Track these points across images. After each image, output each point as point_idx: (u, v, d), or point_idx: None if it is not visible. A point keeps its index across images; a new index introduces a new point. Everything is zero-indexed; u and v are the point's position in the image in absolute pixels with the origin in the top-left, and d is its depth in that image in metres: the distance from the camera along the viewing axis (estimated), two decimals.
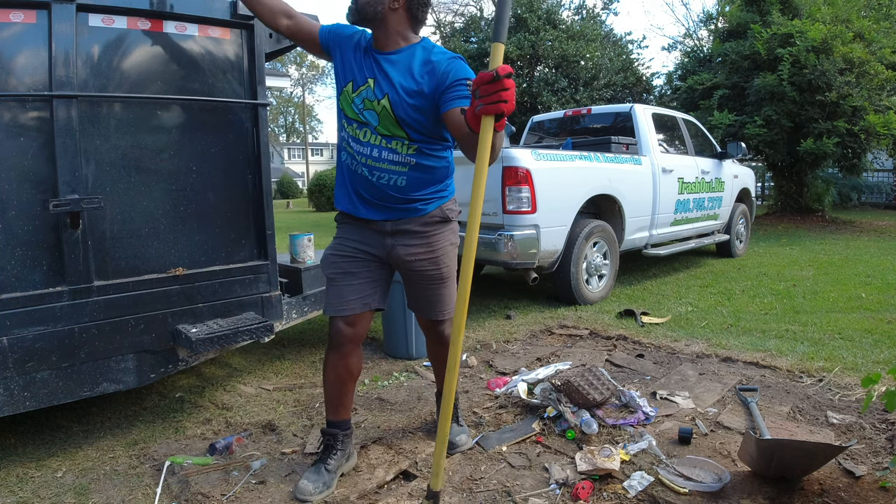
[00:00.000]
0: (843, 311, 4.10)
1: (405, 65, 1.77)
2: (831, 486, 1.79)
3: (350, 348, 1.92)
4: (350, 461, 2.02)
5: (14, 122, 1.95)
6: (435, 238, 1.92)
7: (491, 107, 1.36)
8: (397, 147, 1.80)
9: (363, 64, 1.82)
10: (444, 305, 2.00)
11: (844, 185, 14.14)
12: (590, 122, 6.04)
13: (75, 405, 2.52)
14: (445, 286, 1.98)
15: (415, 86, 1.74)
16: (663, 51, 36.28)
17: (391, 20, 1.77)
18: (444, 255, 1.94)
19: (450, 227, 1.96)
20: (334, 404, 1.97)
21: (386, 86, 1.77)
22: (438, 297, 1.98)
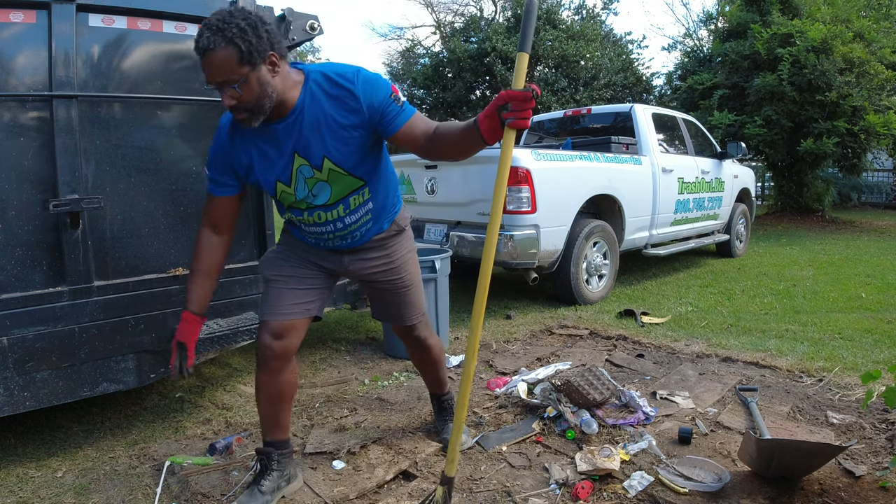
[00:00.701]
0: (843, 311, 4.11)
1: (318, 114, 1.57)
2: (831, 486, 1.79)
3: (279, 365, 1.75)
4: (293, 483, 1.88)
5: (14, 122, 1.95)
6: (393, 249, 1.89)
7: (521, 122, 1.38)
8: (356, 201, 1.70)
9: (272, 151, 1.61)
10: (414, 310, 1.99)
11: (844, 185, 14.15)
12: (590, 122, 6.04)
13: (75, 405, 2.52)
14: (411, 291, 1.96)
15: (345, 130, 1.58)
16: (663, 51, 36.25)
17: (281, 87, 1.53)
18: (404, 264, 1.91)
19: (405, 236, 1.94)
20: (269, 424, 1.84)
21: (316, 147, 1.59)
22: (407, 304, 1.96)
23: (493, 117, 1.43)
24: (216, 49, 1.40)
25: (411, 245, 1.97)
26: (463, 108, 13.45)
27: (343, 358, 3.33)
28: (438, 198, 4.42)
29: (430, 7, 22.14)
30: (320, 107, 1.57)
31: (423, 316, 2.03)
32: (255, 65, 1.45)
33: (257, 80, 1.46)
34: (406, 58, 17.98)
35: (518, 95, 1.36)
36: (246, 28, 1.43)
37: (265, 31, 1.47)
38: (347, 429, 2.32)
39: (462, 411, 1.56)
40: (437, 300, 3.26)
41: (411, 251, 1.96)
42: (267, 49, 1.47)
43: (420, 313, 2.01)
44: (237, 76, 1.44)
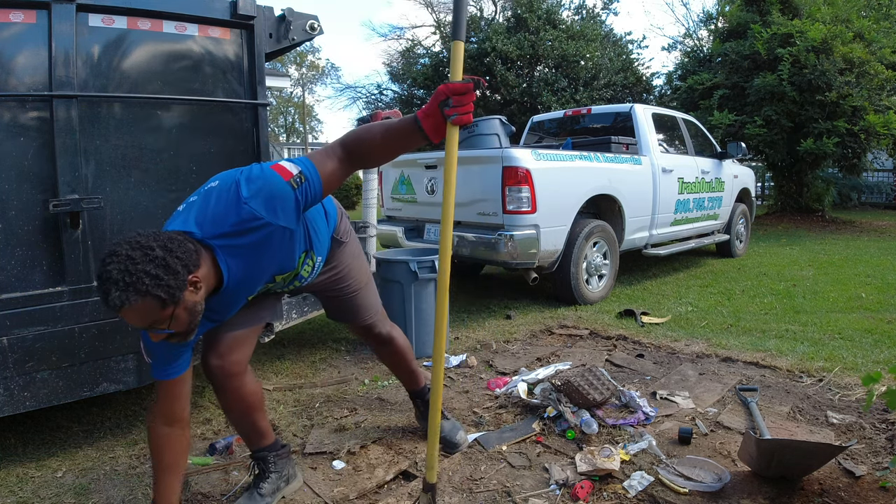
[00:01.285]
0: (843, 311, 4.11)
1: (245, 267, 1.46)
2: (831, 486, 1.79)
3: (235, 383, 1.69)
4: (293, 483, 1.87)
5: (14, 122, 1.95)
6: (337, 261, 1.88)
7: (463, 117, 1.31)
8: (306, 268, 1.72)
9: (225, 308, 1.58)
10: (369, 308, 2.00)
11: (844, 185, 14.14)
12: (590, 122, 6.04)
13: (75, 405, 2.51)
14: (361, 294, 1.97)
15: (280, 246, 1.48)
16: (663, 51, 36.24)
17: (205, 295, 1.40)
18: (350, 271, 1.92)
19: (345, 247, 1.91)
20: (251, 436, 1.81)
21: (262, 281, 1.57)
22: (360, 304, 1.97)
23: (436, 114, 1.35)
24: (132, 305, 1.23)
25: (355, 250, 1.96)
26: None
27: (343, 358, 3.33)
28: (438, 198, 4.42)
29: (430, 7, 22.14)
30: (245, 259, 1.44)
31: (377, 313, 2.02)
32: (178, 301, 1.29)
33: (185, 310, 1.32)
34: (406, 58, 17.98)
35: (458, 88, 1.29)
36: (156, 272, 1.24)
37: (176, 258, 1.28)
38: (347, 429, 2.32)
39: (436, 416, 1.53)
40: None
41: (355, 257, 1.95)
42: (184, 278, 1.29)
43: (375, 311, 2.01)
44: (163, 319, 1.30)
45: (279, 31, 2.57)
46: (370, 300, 2.01)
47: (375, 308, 2.03)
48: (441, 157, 4.46)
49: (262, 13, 2.46)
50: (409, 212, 4.76)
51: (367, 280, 2.00)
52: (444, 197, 1.43)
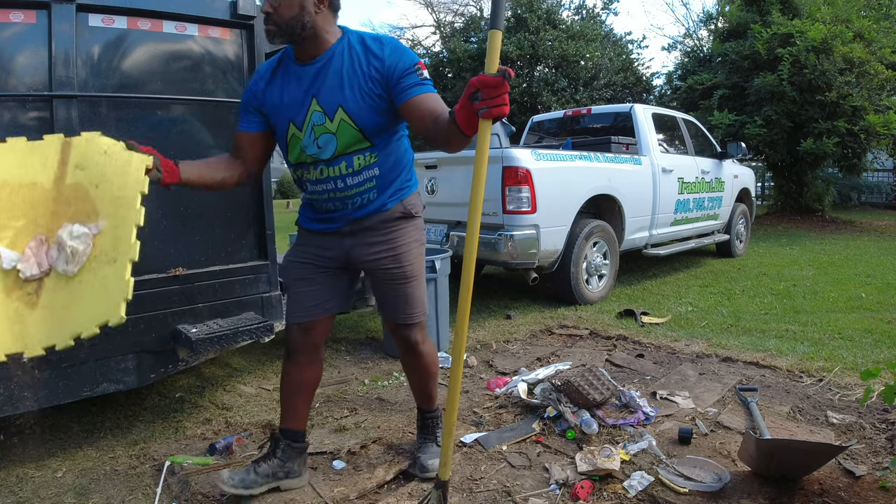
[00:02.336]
0: (843, 311, 4.11)
1: (345, 65, 1.60)
2: (831, 486, 1.79)
3: (305, 358, 1.85)
4: (293, 480, 1.87)
5: (14, 122, 1.95)
6: (395, 234, 1.78)
7: (495, 110, 1.30)
8: (359, 162, 1.66)
9: (294, 92, 1.64)
10: (411, 307, 1.85)
11: (844, 185, 14.14)
12: (590, 122, 6.04)
13: (75, 405, 2.51)
14: (410, 286, 1.83)
15: (368, 84, 1.59)
16: (663, 51, 36.27)
17: (319, 25, 1.59)
18: (406, 253, 1.80)
19: (413, 224, 1.82)
20: (286, 411, 1.90)
21: (335, 96, 1.60)
22: (404, 298, 1.83)
23: (468, 107, 1.36)
24: None
25: (419, 236, 1.85)
26: None
27: (343, 358, 3.33)
28: (438, 198, 4.43)
29: (430, 7, 22.14)
30: (349, 60, 1.60)
31: (420, 316, 1.89)
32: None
33: (299, 1, 1.53)
34: None
35: (489, 81, 1.28)
36: None
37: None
38: (347, 429, 2.32)
39: (452, 414, 1.51)
40: (437, 300, 3.26)
41: (418, 242, 1.84)
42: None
43: (418, 313, 1.87)
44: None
45: None
46: (418, 297, 1.86)
47: (420, 309, 1.88)
48: (441, 157, 4.46)
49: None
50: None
51: (420, 274, 1.86)
52: (472, 195, 1.42)
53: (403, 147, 1.78)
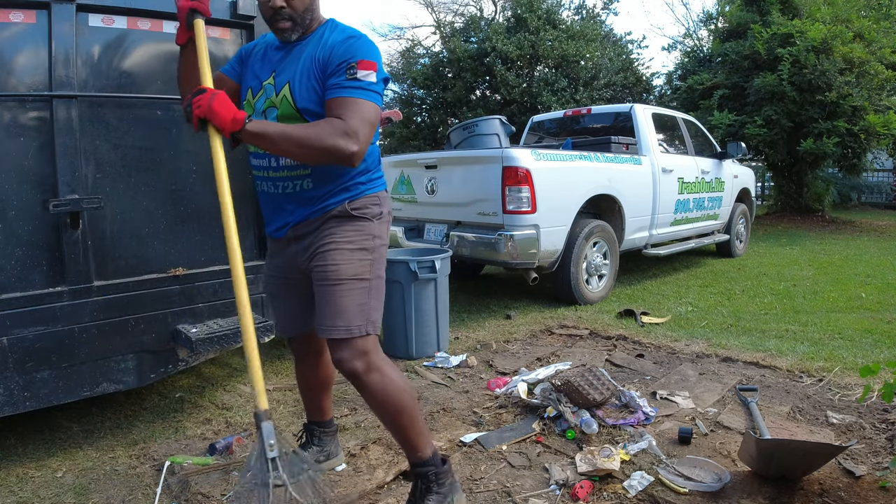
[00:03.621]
0: (843, 311, 4.10)
1: (308, 48, 1.57)
2: (831, 486, 1.79)
3: (309, 363, 1.92)
4: (332, 460, 2.02)
5: (14, 122, 1.95)
6: (329, 231, 1.59)
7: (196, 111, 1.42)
8: None
9: (265, 65, 1.64)
10: (333, 317, 1.54)
11: (844, 185, 14.13)
12: (590, 122, 6.04)
13: (75, 405, 2.51)
14: (336, 290, 1.55)
15: (313, 69, 1.53)
16: (663, 51, 36.17)
17: (316, 12, 1.61)
18: (335, 251, 1.57)
19: (354, 225, 1.60)
20: (308, 407, 2.01)
21: (288, 73, 1.56)
22: (325, 304, 1.56)
23: None
24: None
25: (360, 239, 1.60)
26: (463, 108, 13.43)
27: None
28: (438, 198, 4.42)
29: (430, 7, 22.13)
30: (314, 44, 1.57)
31: (344, 332, 1.53)
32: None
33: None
34: (406, 58, 17.97)
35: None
36: None
37: None
38: (347, 429, 2.32)
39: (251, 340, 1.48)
40: (437, 300, 3.27)
41: (355, 245, 1.59)
42: None
43: (341, 326, 1.52)
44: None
45: None
46: (342, 306, 1.54)
47: (342, 322, 1.53)
48: (441, 157, 4.46)
49: None
50: (409, 212, 4.76)
51: (351, 279, 1.57)
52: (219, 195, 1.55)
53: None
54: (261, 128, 1.44)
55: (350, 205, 1.61)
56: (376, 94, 1.50)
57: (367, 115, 1.46)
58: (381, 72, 1.53)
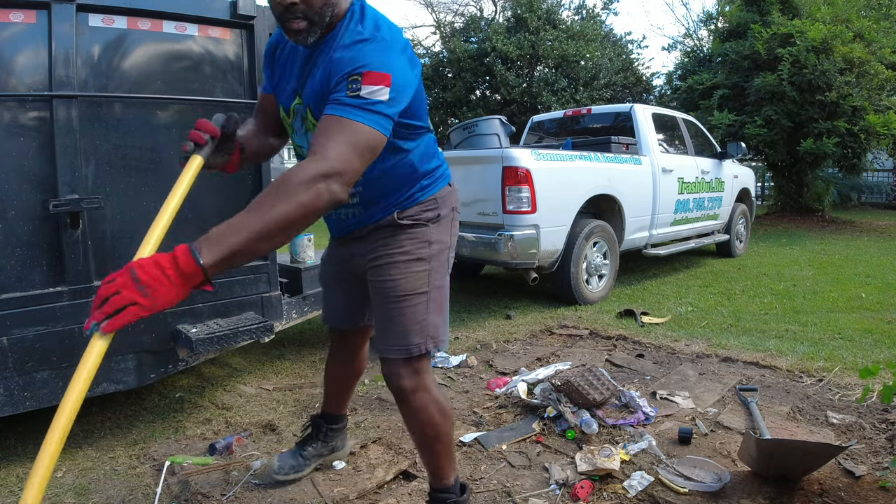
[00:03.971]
0: (843, 311, 4.10)
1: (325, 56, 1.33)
2: (831, 486, 1.79)
3: (344, 357, 1.90)
4: (337, 453, 2.02)
5: (14, 122, 1.95)
6: (382, 243, 1.49)
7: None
8: None
9: (289, 78, 1.44)
10: (389, 335, 1.48)
11: (844, 185, 14.13)
12: (590, 122, 6.04)
13: None
14: (393, 307, 1.47)
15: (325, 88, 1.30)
16: (663, 51, 36.25)
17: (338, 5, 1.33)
18: (390, 265, 1.47)
19: (406, 233, 1.48)
20: (326, 395, 1.98)
21: (307, 94, 1.38)
22: (383, 321, 1.50)
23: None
24: None
25: (418, 249, 1.48)
26: (463, 107, 13.44)
27: None
28: None
29: (430, 7, 22.14)
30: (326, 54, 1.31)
31: (399, 352, 1.47)
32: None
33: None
34: None
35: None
36: None
37: None
38: (347, 429, 2.32)
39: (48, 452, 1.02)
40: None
41: (410, 255, 1.48)
42: None
43: (397, 346, 1.46)
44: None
45: None
46: (400, 324, 1.46)
47: (400, 341, 1.46)
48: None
49: (263, 13, 2.46)
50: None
51: (410, 294, 1.47)
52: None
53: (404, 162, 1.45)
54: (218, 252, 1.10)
55: (399, 215, 1.48)
56: (382, 116, 1.19)
57: (357, 142, 1.16)
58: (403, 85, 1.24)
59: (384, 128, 1.20)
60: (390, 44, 1.26)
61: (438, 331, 1.51)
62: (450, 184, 1.58)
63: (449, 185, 1.57)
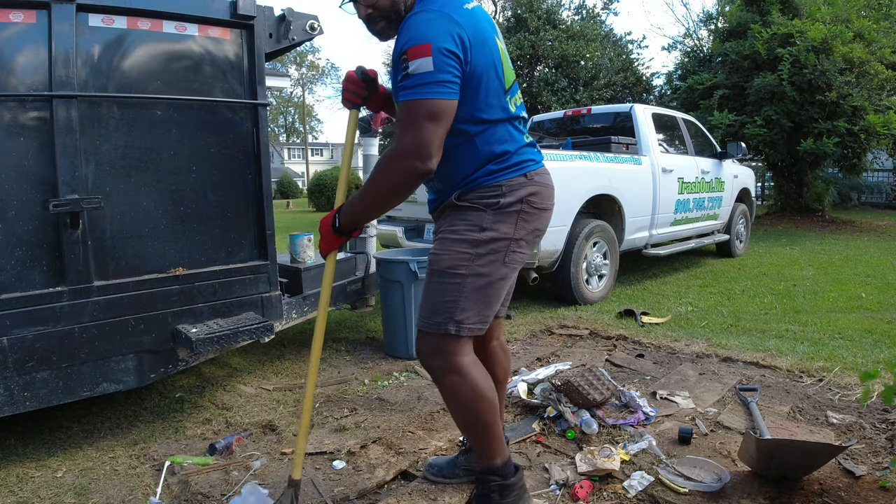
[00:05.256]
0: (843, 311, 4.10)
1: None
2: (831, 486, 1.78)
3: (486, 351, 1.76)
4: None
5: (14, 122, 1.95)
6: (445, 220, 1.55)
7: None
8: None
9: None
10: (422, 308, 1.53)
11: (844, 185, 14.15)
12: (590, 122, 6.04)
13: (75, 405, 2.51)
14: (429, 281, 1.52)
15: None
16: (663, 51, 36.28)
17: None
18: (439, 240, 1.54)
19: (463, 215, 1.50)
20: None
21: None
22: (423, 293, 1.55)
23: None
24: None
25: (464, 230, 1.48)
26: None
27: (343, 358, 3.33)
28: None
29: None
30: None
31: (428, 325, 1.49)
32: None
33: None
34: None
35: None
36: None
37: None
38: (347, 429, 2.32)
39: (307, 416, 1.65)
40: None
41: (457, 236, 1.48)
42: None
43: (426, 319, 1.49)
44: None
45: (279, 31, 2.57)
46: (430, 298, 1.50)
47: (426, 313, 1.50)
48: None
49: (262, 13, 2.46)
50: (409, 212, 4.76)
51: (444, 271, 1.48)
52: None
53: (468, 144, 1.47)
54: (349, 215, 1.49)
55: (458, 196, 1.51)
56: (430, 84, 1.30)
57: (420, 117, 1.32)
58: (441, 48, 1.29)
59: (438, 92, 1.31)
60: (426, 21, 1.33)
61: (465, 315, 1.46)
62: (526, 175, 1.51)
63: (525, 177, 1.51)
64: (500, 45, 1.49)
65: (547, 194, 1.58)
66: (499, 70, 1.45)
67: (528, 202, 1.51)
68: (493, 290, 1.50)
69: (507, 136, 1.50)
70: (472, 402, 1.50)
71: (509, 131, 1.51)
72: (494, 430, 1.55)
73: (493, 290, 1.50)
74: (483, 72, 1.40)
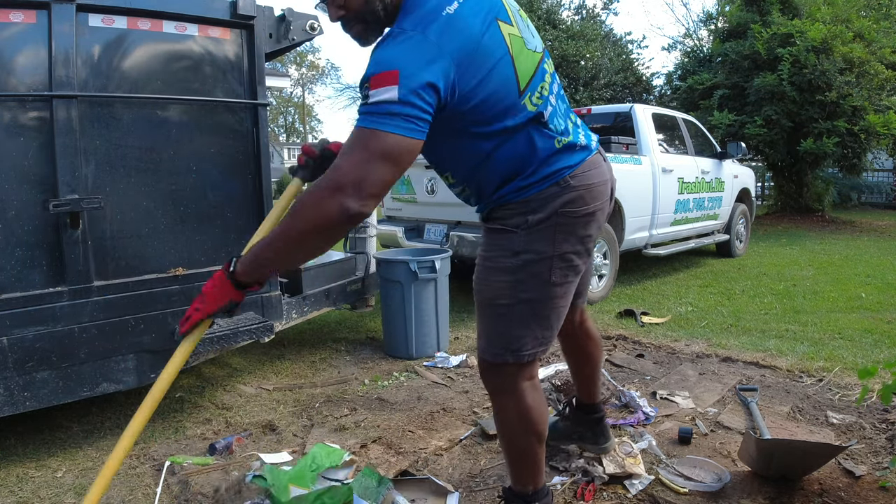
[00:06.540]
0: (843, 311, 4.10)
1: None
2: (831, 486, 1.78)
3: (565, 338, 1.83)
4: (586, 443, 1.94)
5: (14, 122, 1.95)
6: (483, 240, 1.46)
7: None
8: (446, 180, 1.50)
9: None
10: (479, 333, 1.46)
11: (844, 185, 14.13)
12: (590, 122, 6.03)
13: (75, 405, 2.51)
14: (478, 311, 1.44)
15: None
16: (663, 51, 36.28)
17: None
18: (479, 268, 1.43)
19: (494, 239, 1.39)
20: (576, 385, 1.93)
21: None
22: (476, 315, 1.47)
23: None
24: None
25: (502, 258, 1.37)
26: None
27: (343, 358, 3.33)
28: (438, 198, 4.42)
29: None
30: None
31: (486, 355, 1.43)
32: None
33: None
34: None
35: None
36: None
37: None
38: (347, 429, 2.32)
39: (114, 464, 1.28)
40: (437, 300, 3.26)
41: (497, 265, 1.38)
42: None
43: (483, 349, 1.43)
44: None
45: (279, 31, 2.57)
46: (484, 328, 1.43)
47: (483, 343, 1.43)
48: None
49: (262, 13, 2.46)
50: (409, 212, 4.76)
51: (489, 303, 1.40)
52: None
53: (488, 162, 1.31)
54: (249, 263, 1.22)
55: (486, 216, 1.41)
56: (394, 116, 1.07)
57: (372, 149, 1.08)
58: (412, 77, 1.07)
59: (401, 127, 1.08)
60: (401, 43, 1.12)
61: (521, 343, 1.38)
62: (559, 183, 1.33)
63: (558, 185, 1.33)
64: (508, 31, 1.23)
65: (591, 195, 1.37)
66: (507, 71, 1.21)
67: (563, 214, 1.33)
68: (546, 310, 1.39)
69: (529, 146, 1.30)
70: (520, 426, 1.43)
71: (531, 138, 1.30)
72: (532, 458, 1.47)
73: (545, 311, 1.39)
74: (484, 85, 1.19)
